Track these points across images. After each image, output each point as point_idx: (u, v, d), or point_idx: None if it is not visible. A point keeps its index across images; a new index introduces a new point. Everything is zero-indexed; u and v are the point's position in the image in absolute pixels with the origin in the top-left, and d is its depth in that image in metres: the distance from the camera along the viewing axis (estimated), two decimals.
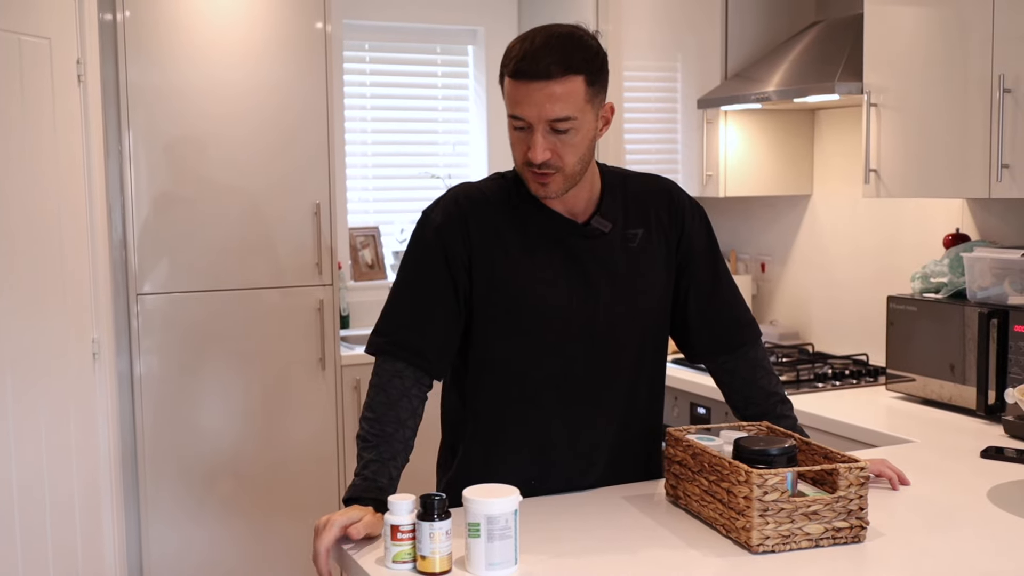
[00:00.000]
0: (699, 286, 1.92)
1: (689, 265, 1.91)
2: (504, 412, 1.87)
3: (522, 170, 1.77)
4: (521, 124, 1.71)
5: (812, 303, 3.64)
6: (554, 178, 1.73)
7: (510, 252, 1.80)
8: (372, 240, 4.47)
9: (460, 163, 4.70)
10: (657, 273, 1.88)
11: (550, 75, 1.66)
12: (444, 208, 1.85)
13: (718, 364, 1.98)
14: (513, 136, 1.74)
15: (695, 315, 1.92)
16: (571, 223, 1.82)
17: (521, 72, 1.67)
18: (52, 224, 2.99)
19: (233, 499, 3.64)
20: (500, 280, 1.80)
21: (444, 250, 1.80)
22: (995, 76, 2.46)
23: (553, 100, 1.67)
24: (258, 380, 3.67)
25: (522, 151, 1.73)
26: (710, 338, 1.94)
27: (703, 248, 1.93)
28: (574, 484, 1.90)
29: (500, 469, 1.82)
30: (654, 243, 1.87)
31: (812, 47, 3.17)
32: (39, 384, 2.92)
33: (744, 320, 1.97)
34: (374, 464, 1.74)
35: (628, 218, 1.86)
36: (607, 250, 1.83)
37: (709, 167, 3.52)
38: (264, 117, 3.64)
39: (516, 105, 1.70)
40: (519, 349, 1.83)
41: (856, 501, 1.61)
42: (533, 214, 1.82)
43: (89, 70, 3.15)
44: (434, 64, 4.63)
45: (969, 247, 2.77)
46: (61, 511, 3.00)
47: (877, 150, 2.82)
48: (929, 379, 2.72)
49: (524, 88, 1.68)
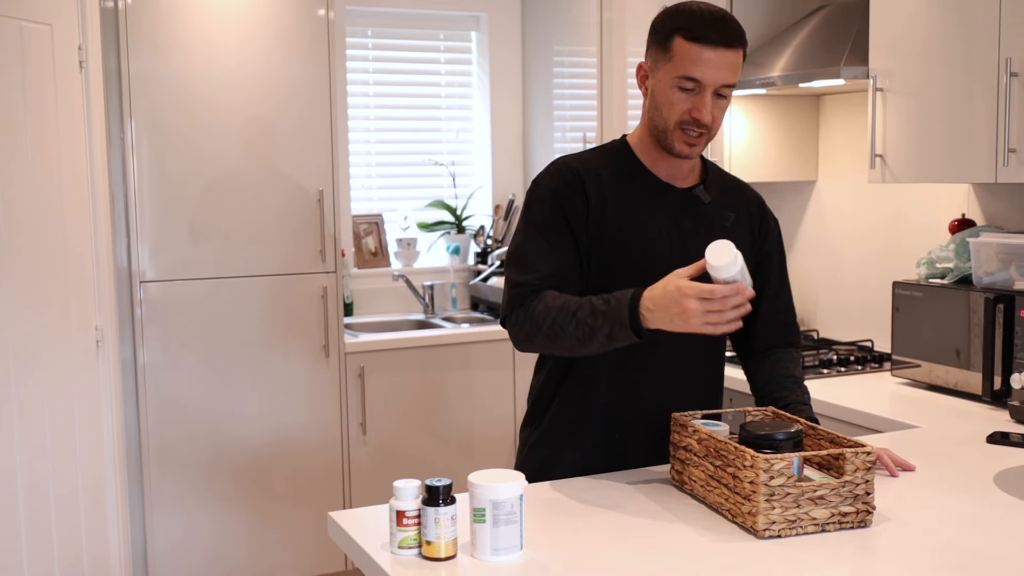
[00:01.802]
0: (771, 287, 2.04)
1: (766, 265, 2.03)
2: (597, 368, 1.90)
3: (673, 130, 1.84)
4: (692, 86, 1.80)
5: (817, 289, 3.63)
6: (702, 139, 1.85)
7: (621, 211, 1.89)
8: (375, 227, 4.46)
9: (463, 150, 4.68)
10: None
11: (732, 44, 1.81)
12: (556, 173, 1.92)
13: (763, 358, 2.06)
14: (675, 96, 1.82)
15: (764, 312, 2.01)
16: (676, 189, 1.93)
17: (710, 38, 1.78)
18: (55, 211, 2.98)
19: (237, 487, 3.65)
20: (611, 234, 1.87)
21: (563, 211, 1.87)
22: (1002, 60, 2.45)
23: (731, 67, 1.81)
24: (262, 368, 3.67)
25: (683, 110, 1.82)
26: (768, 335, 2.05)
27: (779, 254, 2.07)
28: (651, 448, 1.93)
29: (588, 424, 1.92)
30: (743, 231, 1.98)
31: (817, 32, 3.15)
32: (42, 372, 2.91)
33: (795, 325, 2.12)
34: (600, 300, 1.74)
35: (723, 200, 1.97)
36: (705, 220, 1.94)
37: (714, 152, 3.50)
38: (267, 104, 3.63)
39: (695, 67, 1.79)
40: None
41: (862, 486, 1.60)
42: (639, 179, 1.92)
43: (91, 56, 3.14)
44: (437, 50, 4.61)
45: (975, 232, 2.76)
46: (65, 499, 3.00)
47: (883, 135, 2.80)
48: (935, 365, 2.71)
49: (710, 53, 1.79)
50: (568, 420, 1.95)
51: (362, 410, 3.82)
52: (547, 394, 1.99)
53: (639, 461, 1.94)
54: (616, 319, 1.70)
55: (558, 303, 1.78)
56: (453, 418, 3.98)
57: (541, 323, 1.79)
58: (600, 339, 1.73)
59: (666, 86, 1.83)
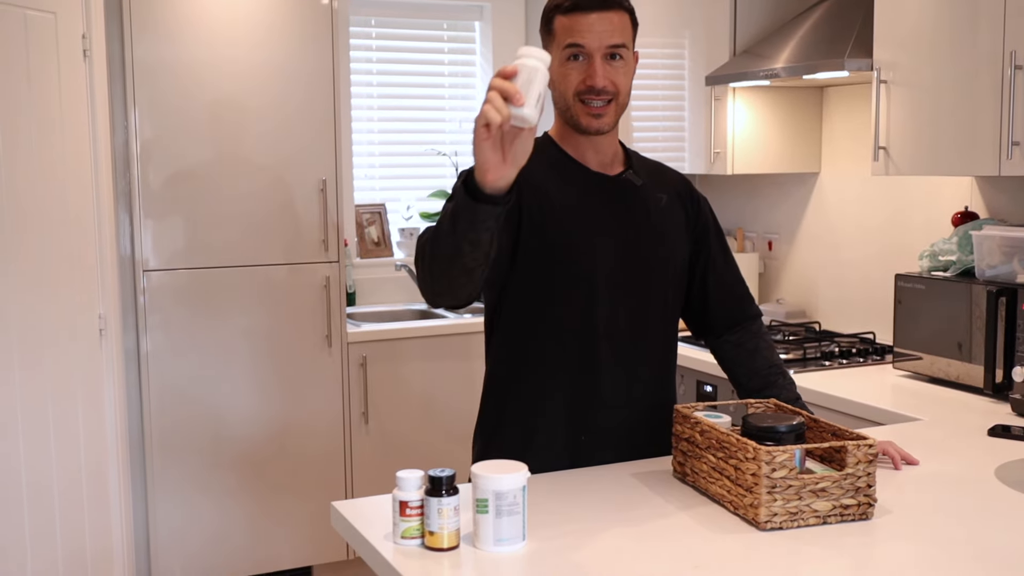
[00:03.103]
0: (715, 262, 2.04)
1: (705, 240, 2.03)
2: (552, 364, 1.89)
3: (573, 104, 1.84)
4: (579, 51, 1.81)
5: (819, 281, 3.63)
6: (608, 108, 1.83)
7: (553, 204, 1.86)
8: (378, 217, 4.46)
9: (466, 140, 4.68)
10: (680, 236, 1.99)
11: (607, 6, 1.81)
12: None
13: (726, 338, 2.07)
14: (566, 68, 1.82)
15: (714, 288, 2.04)
16: (605, 176, 1.92)
17: (581, 5, 1.80)
18: (58, 201, 2.99)
19: (240, 476, 3.66)
20: (545, 231, 1.85)
21: None
22: (1006, 53, 2.44)
23: (612, 27, 1.80)
24: (264, 357, 3.67)
25: (578, 79, 1.82)
26: (725, 312, 2.06)
27: (715, 228, 2.07)
28: (614, 442, 1.92)
29: (541, 425, 1.89)
30: (676, 211, 1.99)
31: (821, 23, 3.14)
32: (46, 360, 2.92)
33: (749, 295, 2.11)
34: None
35: (653, 183, 1.97)
36: (640, 203, 1.94)
37: (717, 144, 3.50)
38: (270, 93, 3.62)
39: (576, 34, 1.80)
40: (566, 298, 1.88)
41: (864, 479, 1.61)
42: (569, 169, 1.91)
43: (95, 45, 3.13)
44: (440, 40, 4.60)
45: (978, 225, 2.76)
46: (68, 487, 3.01)
47: (886, 127, 2.80)
48: (936, 357, 2.72)
49: (584, 19, 1.79)
50: (522, 438, 1.92)
51: (364, 400, 3.83)
52: (491, 419, 1.99)
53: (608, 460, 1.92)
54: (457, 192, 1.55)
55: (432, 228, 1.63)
56: (455, 408, 3.98)
57: (424, 248, 1.64)
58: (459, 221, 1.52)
59: (558, 63, 1.83)
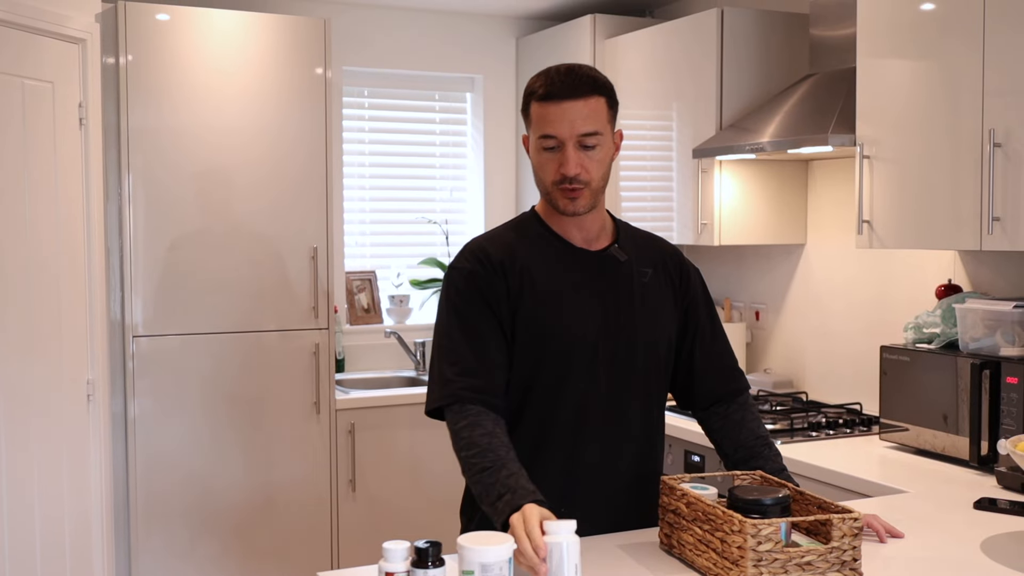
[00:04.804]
0: (703, 334, 2.04)
1: (693, 312, 2.03)
2: (537, 436, 1.91)
3: (552, 190, 1.88)
4: (552, 143, 1.84)
5: (806, 352, 3.65)
6: (583, 192, 1.85)
7: (537, 283, 1.89)
8: (368, 284, 4.49)
9: (457, 208, 4.72)
10: (666, 311, 1.99)
11: (579, 94, 1.83)
12: (470, 256, 1.93)
13: (713, 409, 2.06)
14: (543, 157, 1.87)
15: (701, 361, 2.03)
16: (590, 252, 1.94)
17: (553, 95, 1.83)
18: (50, 265, 3.00)
19: (224, 543, 3.62)
20: (531, 310, 1.88)
21: (481, 293, 1.88)
22: (985, 130, 2.50)
23: (583, 117, 1.83)
24: (252, 423, 3.66)
25: (554, 168, 1.85)
26: (712, 384, 2.05)
27: (704, 300, 2.07)
28: (601, 514, 1.91)
29: None
30: (662, 285, 1.99)
31: (806, 99, 3.21)
32: (33, 424, 2.91)
33: (738, 369, 2.10)
34: (513, 477, 1.74)
35: (639, 257, 1.98)
36: (624, 279, 1.95)
37: (704, 216, 3.54)
38: (263, 161, 3.67)
39: (548, 124, 1.84)
40: (548, 373, 1.89)
41: (850, 552, 1.61)
42: (554, 246, 1.93)
43: (91, 113, 3.18)
44: (432, 111, 4.67)
45: (961, 298, 2.79)
46: (52, 552, 2.98)
47: (870, 201, 2.85)
48: (922, 429, 2.73)
49: (557, 108, 1.83)
50: None
51: (352, 467, 3.81)
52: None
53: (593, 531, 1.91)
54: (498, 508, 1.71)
55: (483, 442, 1.79)
56: (443, 476, 3.96)
57: (460, 449, 1.84)
58: (485, 504, 1.76)
59: (535, 150, 1.88)
